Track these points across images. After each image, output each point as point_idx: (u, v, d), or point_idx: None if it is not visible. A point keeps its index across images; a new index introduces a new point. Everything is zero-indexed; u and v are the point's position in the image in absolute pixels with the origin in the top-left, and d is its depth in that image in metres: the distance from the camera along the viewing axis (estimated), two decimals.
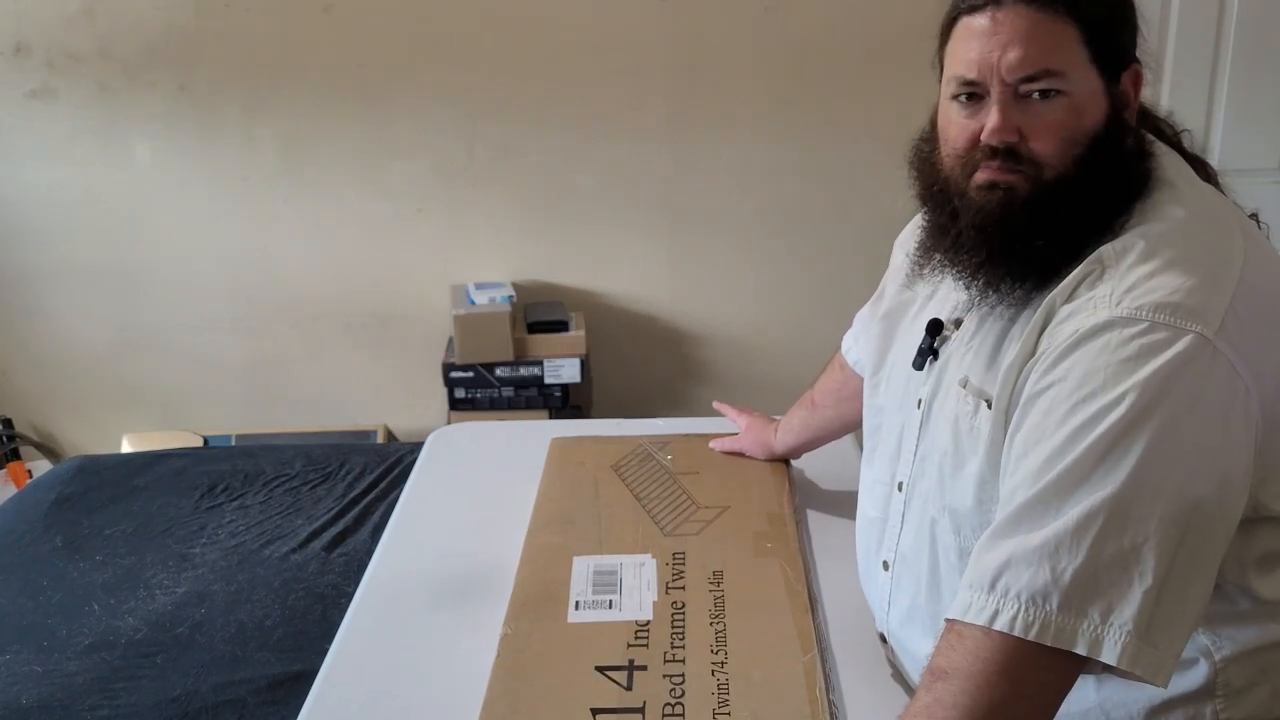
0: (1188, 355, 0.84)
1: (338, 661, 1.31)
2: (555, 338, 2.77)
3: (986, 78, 0.94)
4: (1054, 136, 0.93)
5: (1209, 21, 2.56)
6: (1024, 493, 0.86)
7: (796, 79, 2.73)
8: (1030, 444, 0.88)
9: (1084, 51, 0.93)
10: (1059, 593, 0.82)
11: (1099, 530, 0.82)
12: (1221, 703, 0.94)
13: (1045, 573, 0.82)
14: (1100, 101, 0.95)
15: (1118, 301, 0.88)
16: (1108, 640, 0.81)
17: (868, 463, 1.24)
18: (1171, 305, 0.86)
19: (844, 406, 1.50)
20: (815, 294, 2.88)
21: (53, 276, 2.87)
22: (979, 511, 1.00)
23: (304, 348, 2.96)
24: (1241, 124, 2.62)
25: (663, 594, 1.32)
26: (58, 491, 1.98)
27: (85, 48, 2.67)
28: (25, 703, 1.41)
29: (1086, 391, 0.85)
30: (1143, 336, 0.85)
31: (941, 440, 1.05)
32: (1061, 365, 0.88)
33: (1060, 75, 0.92)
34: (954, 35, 0.97)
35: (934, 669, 0.86)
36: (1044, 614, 0.82)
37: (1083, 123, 0.94)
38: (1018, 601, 0.82)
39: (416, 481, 1.76)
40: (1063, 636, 0.81)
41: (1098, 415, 0.84)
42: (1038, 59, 0.92)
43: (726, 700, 1.14)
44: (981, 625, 0.83)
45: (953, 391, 1.04)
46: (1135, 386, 0.84)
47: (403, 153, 2.78)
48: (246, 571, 1.70)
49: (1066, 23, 0.92)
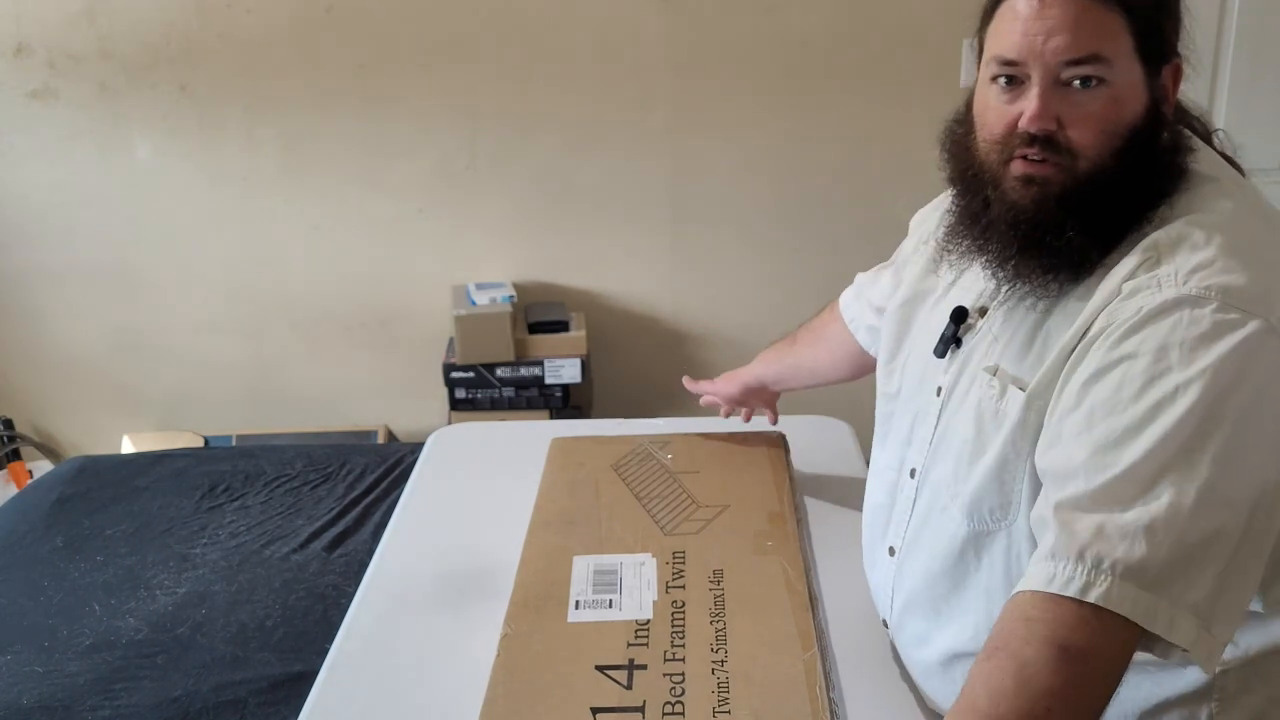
0: (1259, 340, 0.84)
1: (338, 662, 1.31)
2: (556, 338, 2.77)
3: (1029, 60, 0.92)
4: (1094, 126, 0.92)
5: (1210, 22, 2.56)
6: (1104, 468, 0.84)
7: (797, 79, 2.73)
8: (1102, 416, 0.86)
9: (1130, 41, 0.91)
10: (1150, 569, 0.81)
11: (1189, 513, 0.81)
12: (1216, 706, 0.94)
13: (1140, 548, 0.81)
14: (1141, 94, 0.94)
15: (1184, 280, 0.87)
16: (1180, 622, 0.80)
17: (878, 449, 1.23)
18: (1238, 289, 0.85)
19: (819, 348, 1.51)
20: (816, 294, 2.85)
21: (54, 277, 2.87)
22: (999, 492, 0.99)
23: (305, 348, 2.97)
24: (1242, 124, 2.62)
25: (663, 593, 1.32)
26: (58, 492, 1.98)
27: (86, 48, 2.67)
28: (26, 703, 1.41)
29: (1162, 367, 0.85)
30: (1215, 315, 0.84)
31: (963, 428, 1.03)
32: (1130, 340, 0.87)
33: (1105, 63, 0.91)
34: (998, 16, 0.96)
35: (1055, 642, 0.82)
36: (1133, 590, 0.81)
37: (1123, 114, 0.92)
38: (1111, 574, 0.81)
39: (417, 482, 1.76)
40: (1146, 613, 0.80)
41: (1175, 393, 0.83)
42: (1085, 44, 0.90)
43: (727, 699, 1.14)
44: (1071, 596, 0.81)
45: (979, 379, 1.03)
46: (1212, 366, 0.83)
47: (403, 153, 2.79)
48: (247, 572, 1.70)
49: (1115, 11, 0.91)
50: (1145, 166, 0.93)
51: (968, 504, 1.02)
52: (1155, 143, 0.94)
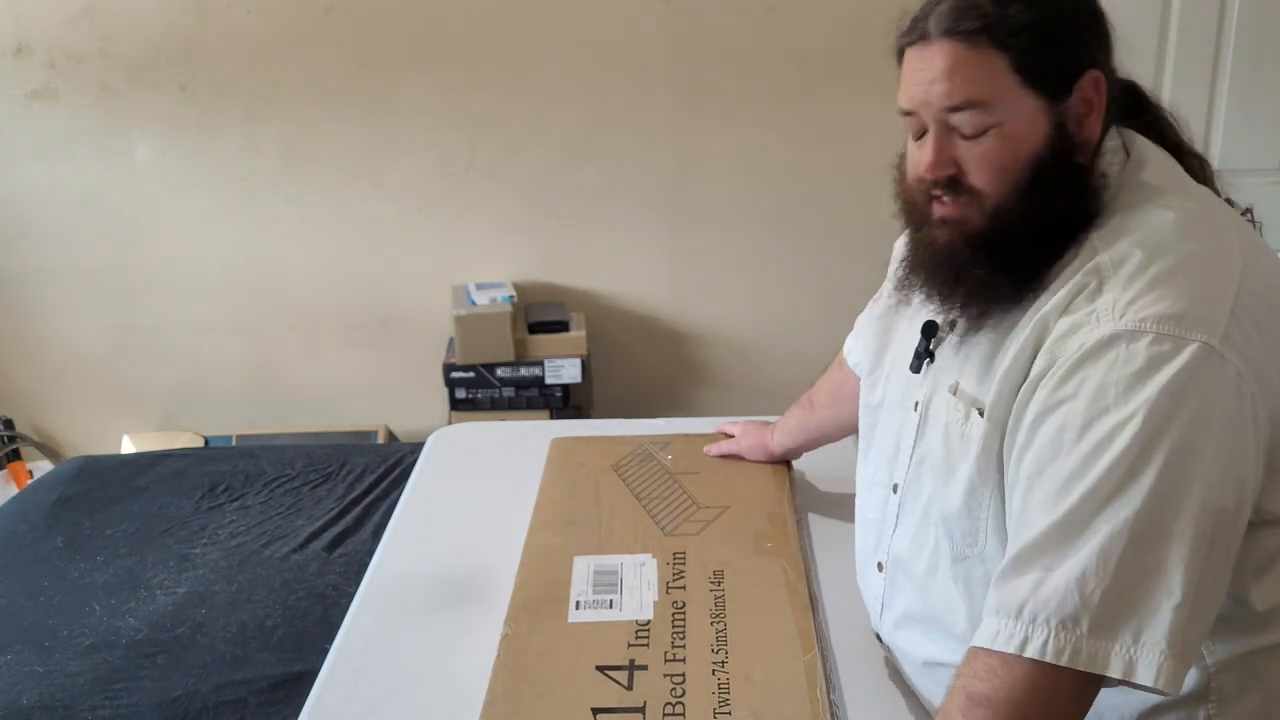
0: (1195, 365, 0.84)
1: (338, 662, 1.31)
2: (556, 338, 2.77)
3: (920, 110, 0.95)
4: (990, 167, 0.94)
5: (1209, 21, 2.56)
6: (1045, 517, 0.85)
7: (798, 79, 2.73)
8: (1044, 463, 0.88)
9: (1015, 78, 0.92)
10: (1089, 616, 0.81)
11: (1124, 550, 0.81)
12: (1214, 708, 0.94)
13: (1074, 598, 0.82)
14: (1040, 124, 0.94)
15: (1120, 314, 0.87)
16: (1142, 661, 0.80)
17: (862, 462, 1.24)
18: (1175, 316, 0.85)
19: (841, 407, 1.50)
20: (816, 295, 2.88)
21: (54, 277, 2.87)
22: (968, 518, 1.00)
23: (305, 348, 2.97)
24: (1242, 124, 2.62)
25: (663, 594, 1.32)
26: (59, 492, 1.98)
27: (86, 48, 2.67)
28: (26, 703, 1.41)
29: (1099, 409, 0.85)
30: (1149, 349, 0.85)
31: (936, 446, 1.05)
32: (1070, 382, 0.88)
33: (986, 105, 0.92)
34: (901, 67, 0.99)
35: (972, 694, 0.86)
36: (1075, 638, 0.81)
37: (1019, 150, 0.93)
38: (1047, 628, 0.82)
39: (417, 482, 1.76)
40: (1096, 660, 0.81)
41: (1112, 433, 0.84)
42: (960, 91, 0.92)
43: (727, 699, 1.14)
44: (1012, 653, 0.83)
45: (944, 397, 1.04)
46: (1146, 402, 0.83)
47: (404, 153, 2.79)
48: (247, 572, 1.70)
49: (990, 52, 0.91)
50: (1058, 193, 0.94)
51: (946, 522, 1.03)
52: (1068, 168, 0.95)
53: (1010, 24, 0.91)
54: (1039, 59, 0.92)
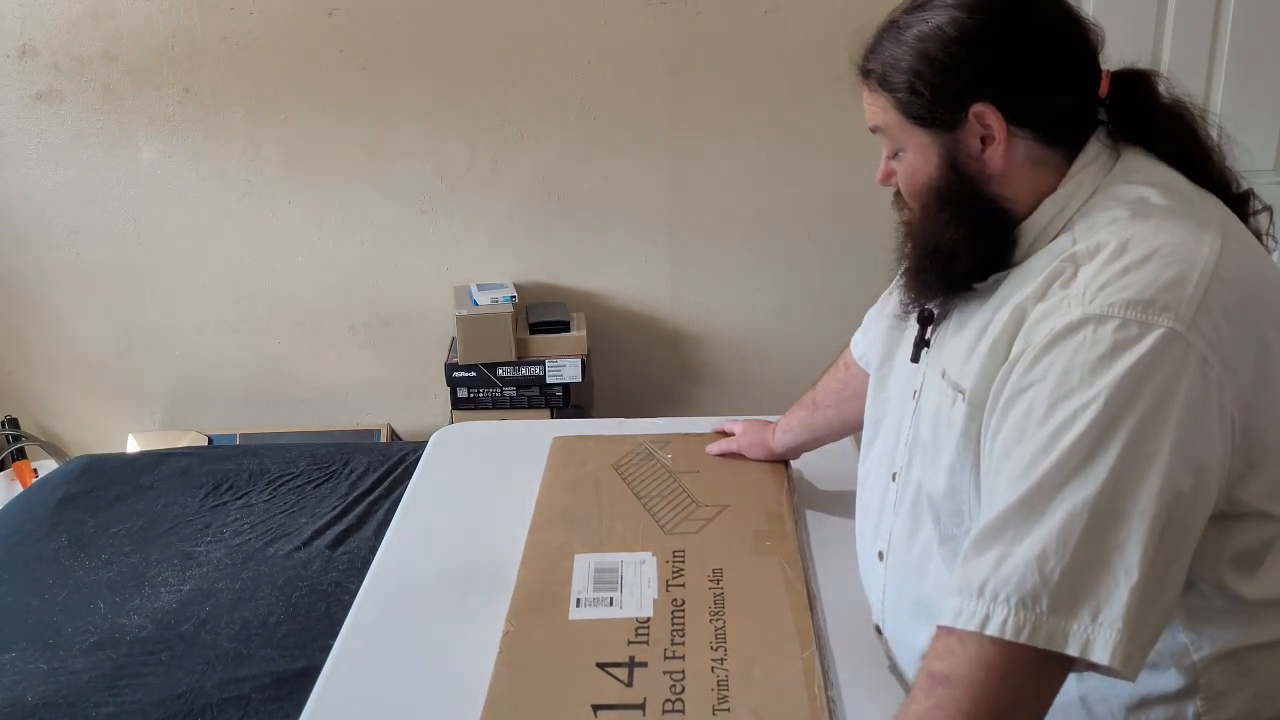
0: (1159, 350, 0.85)
1: (341, 658, 1.32)
2: (557, 338, 2.78)
3: None
4: (905, 188, 1.06)
5: (1205, 22, 2.56)
6: (1007, 496, 0.86)
7: (797, 81, 2.73)
8: (1010, 445, 0.89)
9: (899, 115, 1.01)
10: (1048, 594, 0.82)
11: (1083, 530, 0.83)
12: (1204, 704, 0.94)
13: (1034, 576, 0.83)
14: (931, 156, 1.01)
15: (1090, 299, 0.89)
16: (1098, 640, 0.81)
17: (866, 453, 1.25)
18: (1144, 301, 0.87)
19: (845, 406, 1.51)
20: (816, 295, 2.89)
21: (59, 277, 2.89)
22: (951, 499, 1.02)
23: (308, 348, 2.98)
24: (1239, 124, 2.62)
25: (663, 591, 1.33)
26: (63, 490, 1.99)
27: (91, 50, 2.68)
28: (31, 700, 1.42)
29: (1063, 391, 0.86)
30: (1115, 333, 0.86)
31: (925, 431, 1.06)
32: (1039, 366, 0.89)
33: (886, 133, 1.04)
34: None
35: (933, 674, 0.86)
36: (1034, 616, 0.82)
37: (917, 177, 1.03)
38: (1007, 605, 0.83)
39: (419, 480, 1.77)
40: (1055, 638, 0.82)
41: (1075, 415, 0.85)
42: (871, 117, 1.05)
43: (726, 696, 1.15)
44: (973, 631, 0.84)
45: (936, 382, 1.06)
46: (1109, 385, 0.84)
47: (405, 155, 2.80)
48: (251, 569, 1.71)
49: (879, 92, 1.02)
50: (962, 222, 1.00)
51: (933, 504, 1.05)
52: (977, 197, 1.00)
53: (889, 68, 1.00)
54: (914, 99, 0.99)
